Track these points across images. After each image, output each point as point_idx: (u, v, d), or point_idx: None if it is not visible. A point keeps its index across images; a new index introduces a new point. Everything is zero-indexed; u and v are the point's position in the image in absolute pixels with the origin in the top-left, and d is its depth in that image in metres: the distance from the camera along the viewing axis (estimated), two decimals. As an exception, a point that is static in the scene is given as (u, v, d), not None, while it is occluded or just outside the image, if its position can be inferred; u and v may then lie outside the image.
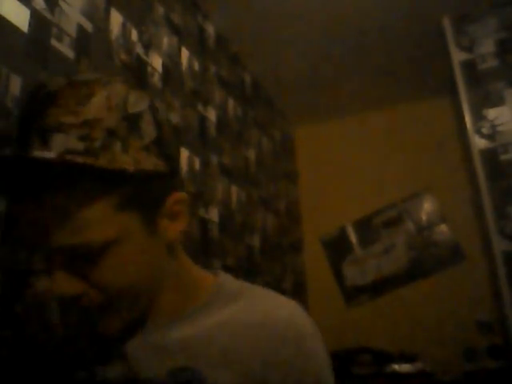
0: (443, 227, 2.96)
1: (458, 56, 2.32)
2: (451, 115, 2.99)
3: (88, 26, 1.52)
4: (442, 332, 2.68)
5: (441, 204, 2.99)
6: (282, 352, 0.61)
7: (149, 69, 1.79)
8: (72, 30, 1.45)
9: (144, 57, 1.79)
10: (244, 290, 0.68)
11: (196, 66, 2.17)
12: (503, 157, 2.11)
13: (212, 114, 2.25)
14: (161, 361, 0.61)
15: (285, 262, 2.90)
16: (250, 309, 0.65)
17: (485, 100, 2.22)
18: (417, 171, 3.06)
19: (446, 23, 2.39)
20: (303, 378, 0.61)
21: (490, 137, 2.16)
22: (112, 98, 0.56)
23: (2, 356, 0.97)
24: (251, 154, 2.67)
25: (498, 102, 2.19)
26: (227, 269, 2.13)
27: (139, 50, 1.77)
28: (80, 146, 0.53)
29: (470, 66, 2.29)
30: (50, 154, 0.51)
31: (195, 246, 1.89)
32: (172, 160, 0.62)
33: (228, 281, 0.70)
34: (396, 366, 2.38)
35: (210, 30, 2.39)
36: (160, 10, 1.95)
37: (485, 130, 2.18)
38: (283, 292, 2.78)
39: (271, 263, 2.69)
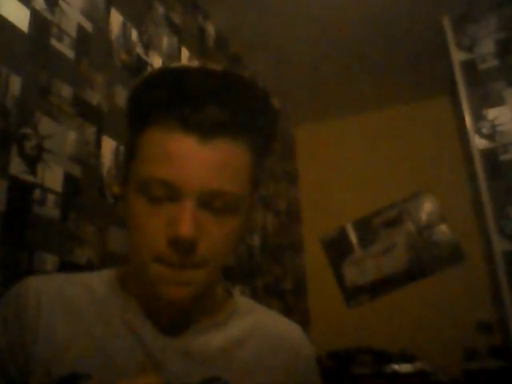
0: (443, 227, 2.95)
1: (458, 56, 2.32)
2: (451, 115, 2.99)
3: (88, 26, 1.52)
4: (442, 332, 2.68)
5: (441, 204, 2.99)
6: (298, 365, 0.68)
7: (149, 69, 1.79)
8: (72, 30, 1.45)
9: (144, 57, 1.79)
10: (252, 307, 0.72)
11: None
12: (503, 157, 2.11)
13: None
14: (196, 369, 0.59)
15: (285, 262, 2.90)
16: (265, 324, 0.69)
17: (485, 100, 2.22)
18: (417, 171, 3.06)
19: (446, 23, 2.39)
20: None
21: (490, 137, 2.16)
22: None
23: None
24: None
25: (498, 101, 2.18)
26: (227, 269, 2.13)
27: (139, 49, 1.77)
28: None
29: (470, 66, 2.29)
30: None
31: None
32: None
33: (240, 296, 0.73)
34: (396, 366, 2.38)
35: (210, 29, 2.39)
36: (160, 9, 1.95)
37: (485, 130, 2.17)
38: (283, 292, 2.78)
39: (271, 263, 2.68)
